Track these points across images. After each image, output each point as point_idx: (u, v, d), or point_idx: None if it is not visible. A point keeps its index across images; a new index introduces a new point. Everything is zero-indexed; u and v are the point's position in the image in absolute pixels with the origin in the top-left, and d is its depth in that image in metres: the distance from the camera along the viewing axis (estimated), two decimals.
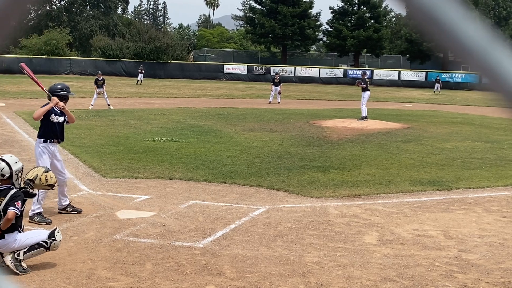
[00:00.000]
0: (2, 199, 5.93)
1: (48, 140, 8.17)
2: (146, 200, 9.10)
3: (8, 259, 5.92)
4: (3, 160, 6.17)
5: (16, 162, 6.24)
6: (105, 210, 8.45)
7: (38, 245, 5.96)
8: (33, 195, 6.46)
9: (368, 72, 48.89)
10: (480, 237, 7.52)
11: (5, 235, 5.93)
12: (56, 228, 6.26)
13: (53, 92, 8.25)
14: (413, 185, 10.68)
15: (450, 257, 6.65)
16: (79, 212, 8.27)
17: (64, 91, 8.38)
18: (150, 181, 10.51)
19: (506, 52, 0.54)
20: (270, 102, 31.66)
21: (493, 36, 0.54)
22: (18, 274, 5.83)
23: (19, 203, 5.94)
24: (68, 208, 8.32)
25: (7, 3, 0.61)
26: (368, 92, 22.06)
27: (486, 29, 0.55)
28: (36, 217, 7.85)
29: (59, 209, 8.35)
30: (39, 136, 8.30)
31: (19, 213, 5.92)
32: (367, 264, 6.34)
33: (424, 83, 58.20)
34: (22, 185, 6.38)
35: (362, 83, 22.24)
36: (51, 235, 6.02)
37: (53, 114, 8.16)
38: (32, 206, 7.81)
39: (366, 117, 21.57)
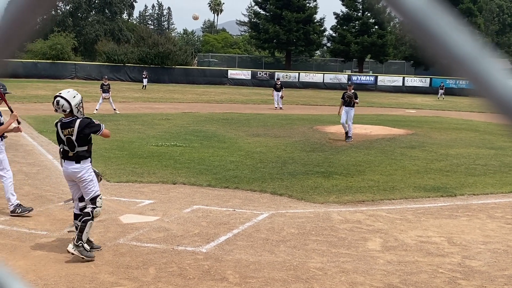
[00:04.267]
0: (72, 130, 6.45)
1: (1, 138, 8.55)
2: (150, 204, 9.11)
3: (71, 248, 6.26)
4: (62, 97, 6.53)
5: (74, 97, 6.61)
6: (108, 214, 8.46)
7: (84, 217, 6.38)
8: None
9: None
10: (484, 243, 7.50)
11: (81, 161, 6.53)
12: (99, 194, 6.65)
13: None
14: (417, 191, 10.66)
15: (454, 264, 6.64)
16: (30, 210, 8.27)
17: None
18: (154, 186, 10.53)
19: (494, 59, 0.55)
20: (276, 108, 31.64)
21: (481, 44, 0.56)
22: (85, 259, 6.23)
23: (96, 121, 6.64)
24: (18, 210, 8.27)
25: (22, 12, 0.62)
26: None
27: (475, 37, 0.56)
28: (18, 209, 8.10)
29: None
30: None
31: (104, 128, 6.68)
32: (370, 270, 6.33)
33: (428, 89, 58.16)
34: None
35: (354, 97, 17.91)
36: (94, 201, 6.51)
37: None
38: (10, 201, 8.11)
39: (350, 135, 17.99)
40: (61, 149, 6.60)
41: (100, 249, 6.69)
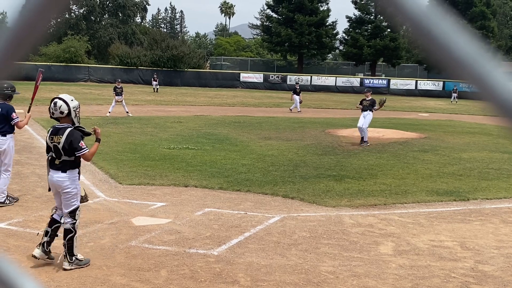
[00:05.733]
0: (60, 137, 6.22)
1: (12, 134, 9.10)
2: (162, 207, 9.14)
3: (67, 265, 6.15)
4: (60, 98, 6.40)
5: (72, 100, 6.47)
6: (121, 216, 8.50)
7: (68, 234, 6.19)
8: (89, 134, 6.64)
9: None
10: (497, 248, 7.44)
11: (68, 171, 6.26)
12: (79, 206, 6.44)
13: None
14: (430, 195, 10.60)
15: (467, 268, 6.59)
16: (17, 200, 9.01)
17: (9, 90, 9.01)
18: (166, 188, 10.56)
19: (494, 62, 0.56)
20: (299, 111, 31.48)
21: (482, 47, 0.56)
22: (83, 265, 6.20)
23: (82, 143, 6.29)
24: (7, 201, 8.88)
25: (33, 15, 0.63)
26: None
27: (475, 40, 0.56)
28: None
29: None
30: (10, 132, 9.05)
31: (87, 151, 6.30)
32: (382, 274, 6.30)
33: (442, 92, 57.82)
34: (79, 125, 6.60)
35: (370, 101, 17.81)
36: (73, 214, 6.30)
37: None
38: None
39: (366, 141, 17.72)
40: (49, 158, 6.37)
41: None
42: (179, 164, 12.98)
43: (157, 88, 46.77)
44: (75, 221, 6.28)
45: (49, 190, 6.55)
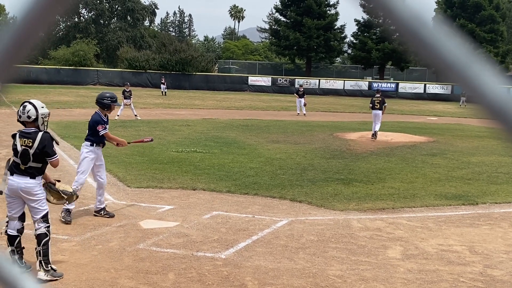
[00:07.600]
0: (30, 142, 6.06)
1: (95, 144, 8.62)
2: (170, 210, 9.16)
3: (43, 276, 5.97)
4: (30, 103, 6.23)
5: (42, 107, 6.29)
6: (129, 219, 8.53)
7: (43, 239, 6.03)
8: (56, 142, 6.53)
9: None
10: (506, 252, 7.40)
11: (36, 177, 6.14)
12: (48, 210, 6.27)
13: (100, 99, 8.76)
14: (438, 199, 10.56)
15: (475, 273, 6.56)
16: (112, 216, 8.65)
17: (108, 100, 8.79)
18: (174, 192, 10.58)
19: (484, 66, 0.56)
20: (298, 114, 31.84)
21: (471, 51, 0.56)
22: (57, 277, 6.01)
23: (54, 149, 6.22)
24: (102, 212, 8.69)
25: (35, 15, 0.63)
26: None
27: (465, 44, 0.57)
28: (103, 211, 8.70)
29: (94, 211, 8.74)
30: (87, 140, 8.69)
31: (58, 158, 6.29)
32: (390, 278, 6.28)
33: (450, 96, 57.59)
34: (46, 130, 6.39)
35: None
36: (46, 218, 6.14)
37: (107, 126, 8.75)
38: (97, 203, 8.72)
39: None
40: (12, 162, 6.16)
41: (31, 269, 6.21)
42: (187, 167, 13.00)
43: (166, 92, 46.97)
44: (49, 224, 6.13)
45: (0, 193, 6.29)
